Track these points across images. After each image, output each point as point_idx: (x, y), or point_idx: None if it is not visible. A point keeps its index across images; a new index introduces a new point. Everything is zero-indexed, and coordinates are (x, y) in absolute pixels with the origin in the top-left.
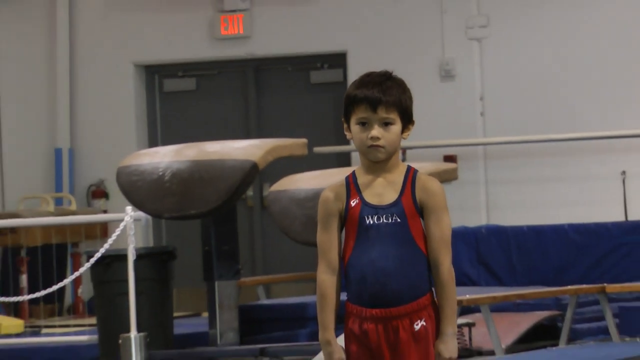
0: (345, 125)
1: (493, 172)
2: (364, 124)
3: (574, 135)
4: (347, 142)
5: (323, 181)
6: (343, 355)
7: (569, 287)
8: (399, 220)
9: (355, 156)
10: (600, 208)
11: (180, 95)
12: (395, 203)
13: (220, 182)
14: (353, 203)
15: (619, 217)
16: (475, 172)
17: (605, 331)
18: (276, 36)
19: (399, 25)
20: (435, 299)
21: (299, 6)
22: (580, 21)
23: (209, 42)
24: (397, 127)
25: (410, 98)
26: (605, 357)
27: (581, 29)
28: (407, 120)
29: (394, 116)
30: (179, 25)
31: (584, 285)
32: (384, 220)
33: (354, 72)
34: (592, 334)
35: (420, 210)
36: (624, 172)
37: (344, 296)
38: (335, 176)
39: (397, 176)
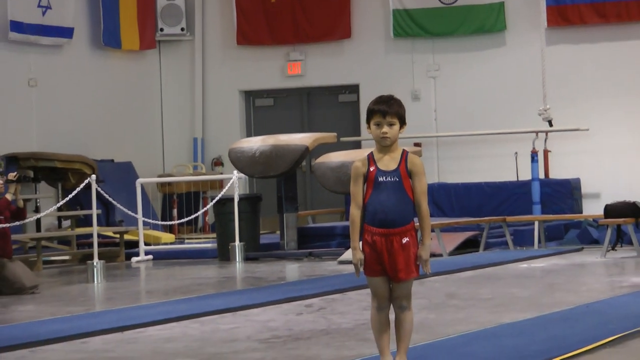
0: (367, 126)
1: (442, 152)
2: (378, 125)
3: (488, 132)
4: (359, 135)
5: (346, 157)
6: (363, 256)
7: (485, 218)
8: (397, 179)
9: (365, 144)
10: (503, 173)
11: (265, 109)
12: (396, 170)
13: (287, 157)
14: (372, 169)
15: (512, 178)
16: (432, 152)
17: (505, 244)
18: (319, 75)
19: (388, 69)
20: (416, 226)
21: (333, 58)
22: (492, 67)
23: (281, 78)
24: (397, 127)
25: (404, 110)
26: (505, 258)
27: (493, 71)
28: (402, 122)
29: (395, 120)
30: (264, 68)
31: (493, 217)
32: (389, 179)
33: (365, 97)
34: (498, 245)
35: (410, 174)
36: (516, 153)
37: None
38: (352, 155)
39: (397, 154)
